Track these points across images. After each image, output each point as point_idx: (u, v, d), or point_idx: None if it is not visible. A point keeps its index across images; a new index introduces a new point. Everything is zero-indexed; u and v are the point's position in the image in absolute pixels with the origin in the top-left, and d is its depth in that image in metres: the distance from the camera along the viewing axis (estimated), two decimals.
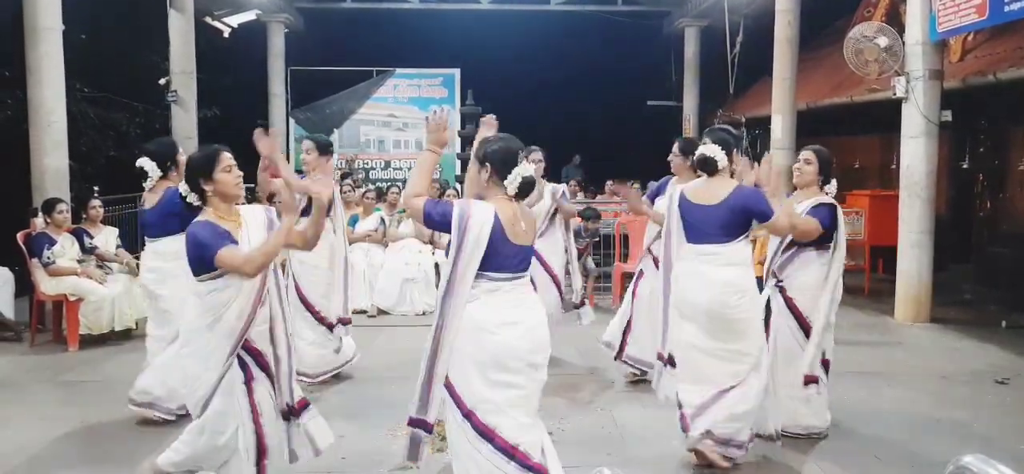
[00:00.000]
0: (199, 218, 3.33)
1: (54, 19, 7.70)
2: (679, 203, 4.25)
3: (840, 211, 4.58)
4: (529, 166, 3.26)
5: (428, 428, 3.27)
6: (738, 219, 4.06)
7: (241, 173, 3.43)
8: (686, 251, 4.21)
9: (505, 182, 3.17)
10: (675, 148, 5.53)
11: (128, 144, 12.25)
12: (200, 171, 3.34)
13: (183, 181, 3.45)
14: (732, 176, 4.17)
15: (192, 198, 3.37)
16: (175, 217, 4.29)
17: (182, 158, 4.68)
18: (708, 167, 4.12)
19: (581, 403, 5.35)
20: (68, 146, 7.99)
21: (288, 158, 15.35)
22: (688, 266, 4.16)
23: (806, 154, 4.67)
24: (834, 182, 4.63)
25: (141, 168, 4.75)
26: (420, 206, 3.20)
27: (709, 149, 4.09)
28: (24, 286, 7.38)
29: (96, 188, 8.94)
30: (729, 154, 4.07)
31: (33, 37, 7.63)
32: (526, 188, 3.21)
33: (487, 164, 3.23)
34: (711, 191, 4.11)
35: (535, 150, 5.73)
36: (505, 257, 3.15)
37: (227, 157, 3.39)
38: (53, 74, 7.72)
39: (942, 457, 4.30)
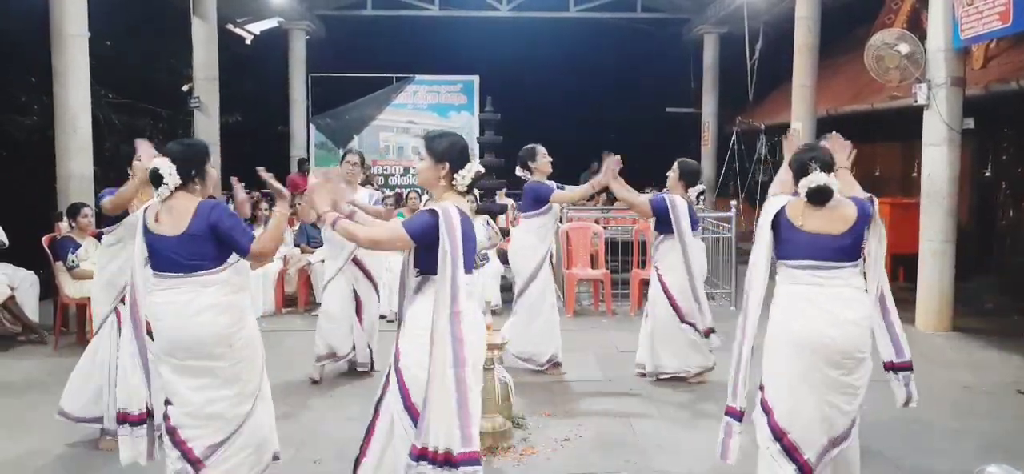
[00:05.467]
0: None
1: (80, 26, 7.82)
2: None
3: (671, 201, 6.03)
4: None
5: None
6: None
7: None
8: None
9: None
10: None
11: None
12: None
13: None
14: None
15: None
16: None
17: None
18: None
19: (599, 410, 5.34)
20: (93, 151, 8.11)
21: (309, 164, 15.47)
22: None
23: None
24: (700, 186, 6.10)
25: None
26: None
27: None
28: (48, 289, 7.48)
29: None
30: None
31: (59, 43, 7.76)
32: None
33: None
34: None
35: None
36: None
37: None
38: (79, 80, 7.83)
39: (965, 467, 4.27)
